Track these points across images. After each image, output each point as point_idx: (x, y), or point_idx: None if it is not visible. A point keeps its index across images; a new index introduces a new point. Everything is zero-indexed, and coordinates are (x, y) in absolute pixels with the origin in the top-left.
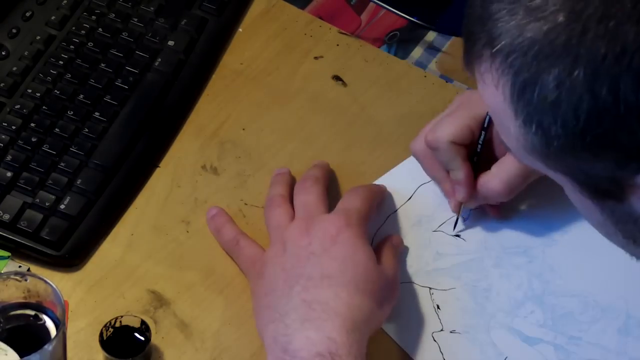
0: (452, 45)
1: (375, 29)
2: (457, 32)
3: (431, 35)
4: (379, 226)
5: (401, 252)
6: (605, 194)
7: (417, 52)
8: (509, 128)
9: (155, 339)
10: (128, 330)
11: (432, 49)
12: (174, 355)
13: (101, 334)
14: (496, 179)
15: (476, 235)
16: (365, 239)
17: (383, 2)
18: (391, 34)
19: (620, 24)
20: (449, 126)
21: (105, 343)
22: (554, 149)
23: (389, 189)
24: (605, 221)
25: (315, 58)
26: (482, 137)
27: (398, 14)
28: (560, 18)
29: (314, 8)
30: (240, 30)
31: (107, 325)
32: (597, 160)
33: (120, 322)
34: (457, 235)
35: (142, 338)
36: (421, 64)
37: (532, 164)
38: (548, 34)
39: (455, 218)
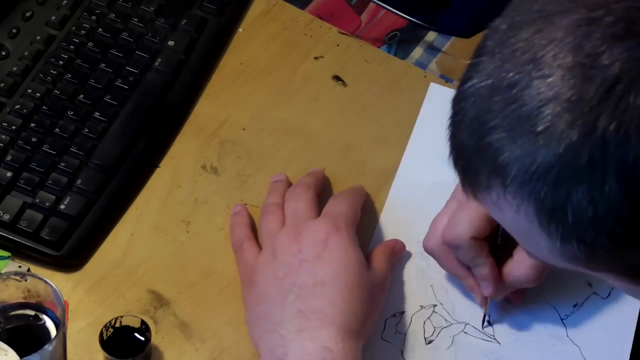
0: (452, 45)
1: (375, 29)
2: (457, 32)
3: (431, 35)
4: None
5: (402, 258)
6: None
7: (417, 52)
8: (540, 245)
9: (155, 339)
10: (128, 330)
11: (432, 49)
12: (174, 355)
13: (101, 334)
14: (522, 265)
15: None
16: (355, 243)
17: (383, 2)
18: (391, 34)
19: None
20: (467, 221)
21: (105, 343)
22: (600, 255)
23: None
24: None
25: (315, 58)
26: (500, 228)
27: (398, 14)
28: (574, 137)
29: (314, 8)
30: (240, 30)
31: (107, 325)
32: None
33: (120, 322)
34: (490, 337)
35: (142, 338)
36: (421, 64)
37: (569, 268)
38: (565, 154)
39: (482, 315)
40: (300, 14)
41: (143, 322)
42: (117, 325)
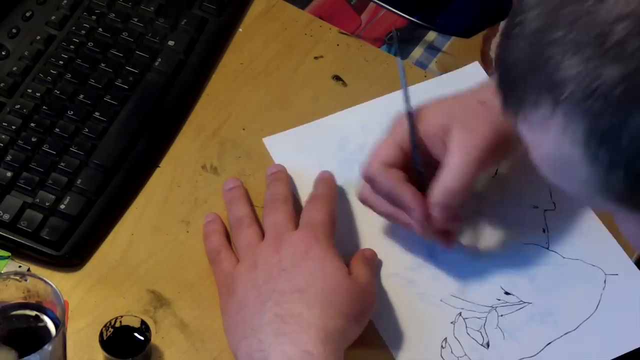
0: (452, 45)
1: (375, 29)
2: (457, 32)
3: (431, 35)
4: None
5: (376, 265)
6: None
7: (417, 52)
8: (577, 173)
9: (155, 339)
10: (128, 330)
11: (432, 49)
12: (174, 355)
13: (101, 334)
14: (445, 177)
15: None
16: (335, 252)
17: (383, 2)
18: (391, 34)
19: None
20: (377, 151)
21: (105, 343)
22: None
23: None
24: None
25: (315, 58)
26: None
27: (398, 14)
28: None
29: (314, 8)
30: (240, 30)
31: (107, 325)
32: None
33: (120, 322)
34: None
35: (142, 338)
36: (421, 64)
37: (597, 205)
38: (633, 75)
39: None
40: (300, 14)
41: (143, 322)
42: (117, 325)
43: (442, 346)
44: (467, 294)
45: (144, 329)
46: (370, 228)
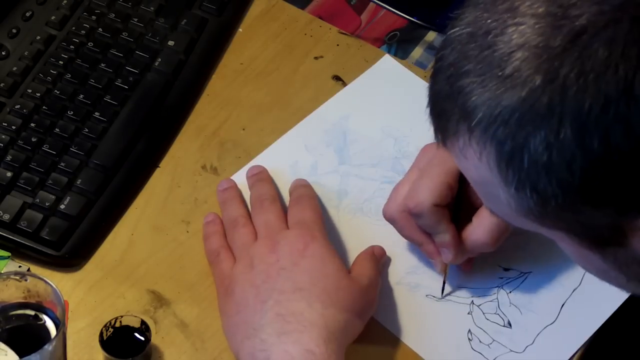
0: None
1: (375, 29)
2: None
3: (431, 35)
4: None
5: (384, 263)
6: (606, 242)
7: (417, 52)
8: (498, 196)
9: (155, 339)
10: (128, 330)
11: (432, 49)
12: (174, 355)
13: (101, 334)
14: (479, 229)
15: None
16: (332, 249)
17: (383, 2)
18: (391, 34)
19: (599, 76)
20: (428, 189)
21: (105, 343)
22: (552, 208)
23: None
24: (607, 267)
25: (315, 58)
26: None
27: (398, 14)
28: (538, 81)
29: (314, 8)
30: (240, 30)
31: (107, 325)
32: (597, 210)
33: (120, 322)
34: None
35: (142, 338)
36: (421, 64)
37: (525, 226)
38: (527, 99)
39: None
40: (300, 14)
41: (143, 322)
42: (117, 325)
43: (469, 339)
44: (471, 282)
45: (144, 329)
46: (356, 243)
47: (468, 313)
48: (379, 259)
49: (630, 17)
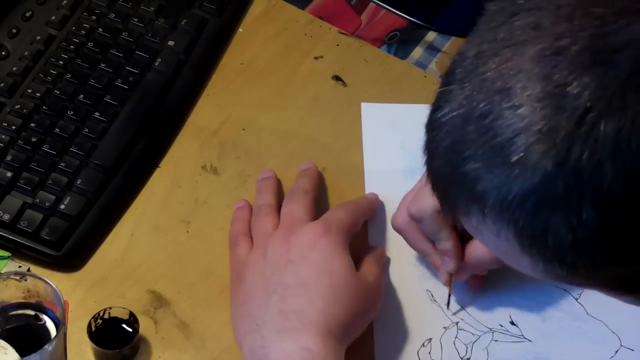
0: (452, 45)
1: (375, 29)
2: (457, 32)
3: (431, 35)
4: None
5: (384, 262)
6: (637, 288)
7: (417, 52)
8: (522, 263)
9: (155, 339)
10: (116, 322)
11: (432, 49)
12: (174, 355)
13: (89, 325)
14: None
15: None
16: (344, 248)
17: (383, 2)
18: (391, 34)
19: (613, 154)
20: (431, 195)
21: (94, 334)
22: (583, 275)
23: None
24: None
25: (315, 58)
26: None
27: (398, 14)
28: (549, 166)
29: (314, 8)
30: (240, 30)
31: (96, 316)
32: (629, 268)
33: (109, 313)
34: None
35: (130, 330)
36: (421, 64)
37: (555, 283)
38: (541, 184)
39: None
40: (300, 14)
41: (131, 314)
42: (106, 316)
43: (423, 344)
44: (472, 309)
45: (133, 320)
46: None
47: (444, 327)
48: (381, 259)
49: (634, 89)
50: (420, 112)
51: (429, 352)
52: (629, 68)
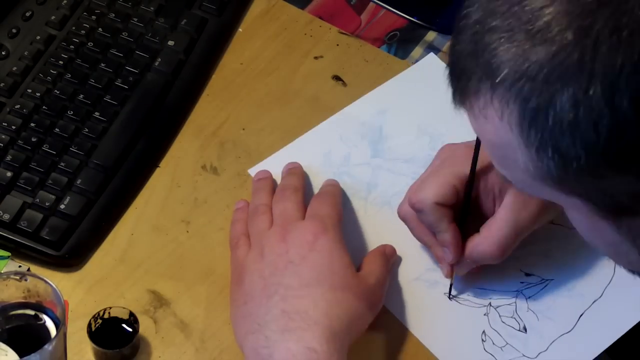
0: None
1: (375, 29)
2: None
3: (431, 35)
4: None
5: (393, 262)
6: (624, 210)
7: (417, 52)
8: (516, 160)
9: (155, 339)
10: (116, 321)
11: (432, 48)
12: (174, 355)
13: (89, 325)
14: (487, 241)
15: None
16: (342, 245)
17: (383, 2)
18: (391, 34)
19: (634, 33)
20: (432, 187)
21: (94, 334)
22: (573, 171)
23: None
24: (621, 239)
25: (315, 58)
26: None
27: (398, 14)
28: (569, 37)
29: (314, 8)
30: (240, 30)
31: (96, 316)
32: (619, 176)
33: (109, 313)
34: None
35: (130, 329)
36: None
37: (541, 194)
38: (557, 54)
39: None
40: (300, 14)
41: (131, 314)
42: (106, 316)
43: (482, 339)
44: (491, 284)
45: (133, 320)
46: (379, 236)
47: (484, 314)
48: (389, 258)
49: None
50: (301, 147)
51: (493, 343)
52: None
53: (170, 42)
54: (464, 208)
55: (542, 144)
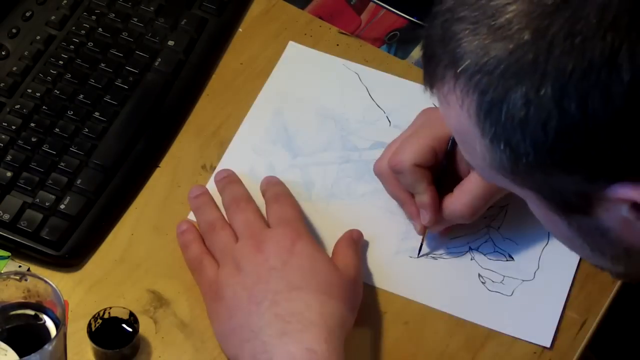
0: None
1: (375, 29)
2: None
3: None
4: None
5: (362, 246)
6: (573, 209)
7: (417, 52)
8: (475, 147)
9: (155, 339)
10: (116, 321)
11: None
12: (174, 355)
13: (89, 325)
14: (459, 201)
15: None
16: (318, 246)
17: (383, 2)
18: (391, 34)
19: (586, 40)
20: (412, 149)
21: (94, 334)
22: (523, 166)
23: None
24: (572, 235)
25: None
26: (445, 159)
27: (398, 14)
28: (526, 36)
29: (314, 8)
30: (240, 30)
31: (96, 316)
32: (566, 175)
33: (109, 313)
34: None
35: (130, 329)
36: (421, 64)
37: (498, 182)
38: (514, 52)
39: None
40: (300, 14)
41: (131, 314)
42: (106, 316)
43: (482, 282)
44: (461, 231)
45: (133, 320)
46: (341, 228)
47: (471, 259)
48: (358, 243)
49: None
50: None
51: (493, 281)
52: None
53: (170, 42)
54: (442, 170)
55: (496, 137)
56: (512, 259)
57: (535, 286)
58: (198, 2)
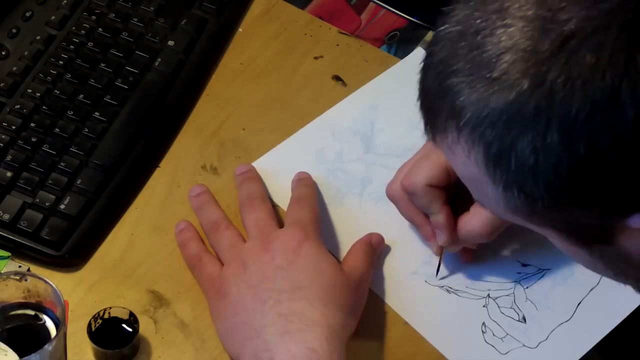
0: None
1: (375, 29)
2: None
3: (431, 35)
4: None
5: (382, 251)
6: (594, 240)
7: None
8: (487, 193)
9: (155, 339)
10: (116, 321)
11: None
12: (174, 355)
13: (89, 325)
14: (476, 219)
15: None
16: (325, 248)
17: (383, 2)
18: (391, 34)
19: (586, 82)
20: (424, 169)
21: (94, 334)
22: (539, 209)
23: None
24: (595, 262)
25: (315, 58)
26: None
27: (398, 14)
28: (525, 85)
29: (314, 8)
30: (240, 30)
31: (96, 316)
32: (583, 211)
33: (109, 313)
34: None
35: (130, 329)
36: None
37: (514, 221)
38: (515, 102)
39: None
40: (300, 14)
41: (131, 314)
42: (106, 316)
43: (482, 331)
44: (488, 276)
45: (133, 320)
46: (376, 232)
47: (483, 306)
48: (375, 249)
49: (619, 24)
50: (295, 145)
51: (493, 334)
52: (617, 2)
53: (170, 42)
54: (456, 189)
55: (508, 185)
56: (524, 321)
57: (533, 356)
58: (198, 2)
